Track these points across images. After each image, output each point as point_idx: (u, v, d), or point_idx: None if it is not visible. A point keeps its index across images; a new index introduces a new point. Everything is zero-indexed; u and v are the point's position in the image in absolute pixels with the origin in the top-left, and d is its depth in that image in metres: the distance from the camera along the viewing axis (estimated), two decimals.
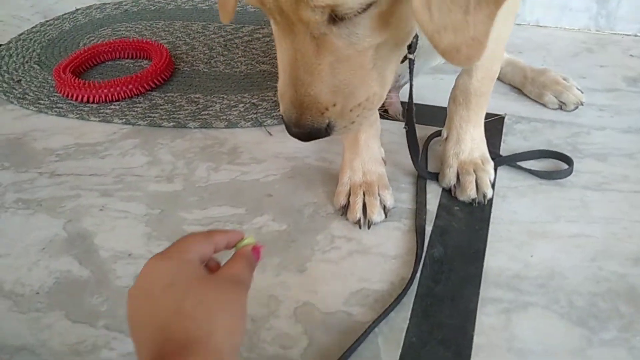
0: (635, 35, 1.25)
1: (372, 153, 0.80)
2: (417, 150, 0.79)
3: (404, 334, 0.62)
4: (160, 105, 1.04)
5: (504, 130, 0.95)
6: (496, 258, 0.70)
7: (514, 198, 0.80)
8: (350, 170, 0.79)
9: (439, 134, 0.87)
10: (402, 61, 0.62)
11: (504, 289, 0.66)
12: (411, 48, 0.64)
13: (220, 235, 0.45)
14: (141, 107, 1.03)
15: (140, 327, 0.36)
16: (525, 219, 0.76)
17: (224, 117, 0.99)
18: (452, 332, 0.62)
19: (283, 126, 1.03)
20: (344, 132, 0.55)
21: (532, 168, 0.84)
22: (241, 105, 1.03)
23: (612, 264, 0.69)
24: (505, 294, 0.66)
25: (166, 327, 0.35)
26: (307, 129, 0.53)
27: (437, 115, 0.90)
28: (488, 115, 0.97)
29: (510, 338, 0.61)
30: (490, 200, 0.79)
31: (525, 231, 0.74)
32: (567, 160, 0.84)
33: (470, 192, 0.78)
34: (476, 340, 0.61)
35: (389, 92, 0.67)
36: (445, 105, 0.83)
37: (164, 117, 1.00)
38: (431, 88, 1.04)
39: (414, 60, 0.67)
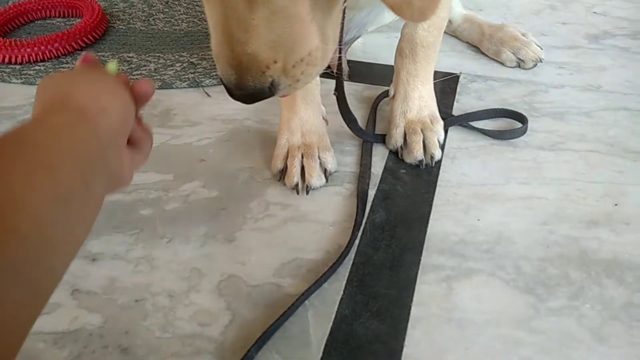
0: None
1: (311, 112, 0.73)
2: (352, 116, 0.74)
3: (336, 306, 0.57)
4: None
5: (458, 89, 0.89)
6: (440, 223, 0.65)
7: (464, 160, 0.74)
8: (287, 131, 0.73)
9: (387, 93, 0.81)
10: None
11: (446, 256, 0.61)
12: None
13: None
14: (68, 67, 0.94)
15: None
16: (474, 182, 0.71)
17: (158, 77, 0.91)
18: (388, 302, 0.57)
19: (223, 87, 0.96)
20: (289, 91, 0.51)
21: (485, 128, 0.79)
22: (178, 64, 0.94)
23: (563, 227, 0.65)
24: (448, 260, 0.61)
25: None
26: (249, 90, 0.48)
27: (390, 75, 0.84)
28: (442, 75, 0.91)
29: (450, 308, 0.56)
30: (439, 162, 0.74)
31: (473, 194, 0.69)
32: (521, 119, 0.79)
33: (417, 154, 0.73)
34: (414, 311, 0.56)
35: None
36: None
37: None
38: (385, 47, 0.97)
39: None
